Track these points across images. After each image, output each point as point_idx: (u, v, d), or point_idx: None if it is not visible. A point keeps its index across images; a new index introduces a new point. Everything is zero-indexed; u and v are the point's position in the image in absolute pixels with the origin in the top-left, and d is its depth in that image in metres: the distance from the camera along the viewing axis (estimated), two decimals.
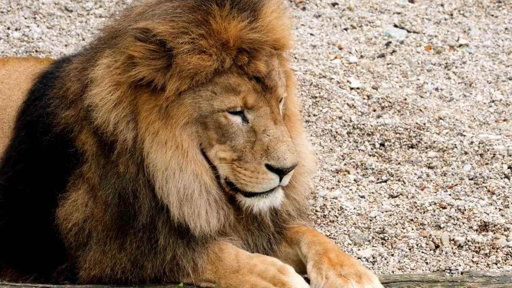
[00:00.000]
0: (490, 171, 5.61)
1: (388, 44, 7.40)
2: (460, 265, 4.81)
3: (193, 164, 4.05)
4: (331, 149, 5.99)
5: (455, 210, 5.21)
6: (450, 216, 5.16)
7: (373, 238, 5.07)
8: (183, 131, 4.02)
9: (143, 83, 4.02)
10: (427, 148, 5.96)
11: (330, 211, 5.27)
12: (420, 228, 5.13)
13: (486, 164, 5.74)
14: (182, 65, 3.94)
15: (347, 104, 6.40)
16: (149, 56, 3.96)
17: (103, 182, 4.17)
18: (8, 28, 7.38)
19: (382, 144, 6.01)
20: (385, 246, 5.02)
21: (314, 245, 4.28)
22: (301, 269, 4.26)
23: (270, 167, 4.00)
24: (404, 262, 4.87)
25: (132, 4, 4.33)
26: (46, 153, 4.34)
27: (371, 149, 5.98)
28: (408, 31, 7.63)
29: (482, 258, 4.88)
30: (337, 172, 5.74)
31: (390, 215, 5.23)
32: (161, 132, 4.01)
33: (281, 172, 4.02)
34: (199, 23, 3.95)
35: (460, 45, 7.43)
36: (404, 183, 5.59)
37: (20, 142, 4.51)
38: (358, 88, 6.68)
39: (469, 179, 5.57)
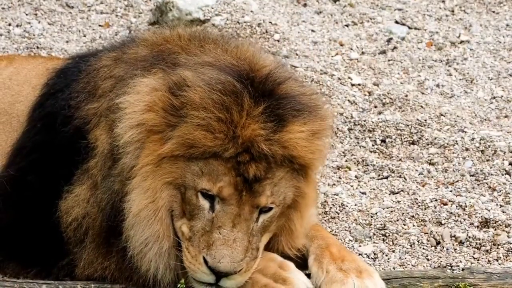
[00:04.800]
0: (491, 168, 5.62)
1: (389, 40, 7.40)
2: (461, 262, 4.81)
3: (158, 225, 4.02)
4: (332, 146, 5.99)
5: (456, 206, 5.21)
6: (451, 213, 5.17)
7: (374, 234, 5.08)
8: (165, 188, 4.01)
9: (154, 129, 4.02)
10: (428, 144, 5.96)
11: (331, 207, 5.27)
12: (421, 225, 5.13)
13: (487, 160, 5.74)
14: (183, 133, 3.93)
15: (348, 100, 6.40)
16: (169, 110, 3.97)
17: (104, 183, 4.18)
18: (9, 24, 7.38)
19: (383, 141, 6.01)
20: (386, 242, 5.02)
21: (316, 239, 4.29)
22: (303, 264, 4.26)
23: (206, 262, 3.94)
24: (405, 258, 4.87)
25: (209, 36, 4.39)
26: (62, 145, 4.35)
27: (372, 145, 5.98)
28: (409, 28, 7.63)
29: (483, 255, 4.89)
30: (338, 169, 5.74)
31: (391, 211, 5.24)
32: (148, 178, 4.01)
33: (215, 272, 3.93)
34: (224, 108, 3.91)
35: (461, 42, 7.42)
36: (405, 179, 5.59)
37: (36, 133, 4.52)
38: (359, 85, 6.68)
39: (470, 176, 5.57)
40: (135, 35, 4.77)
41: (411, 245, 4.97)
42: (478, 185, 5.48)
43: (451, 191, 5.43)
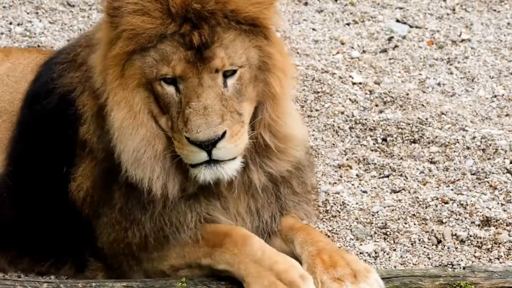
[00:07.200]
0: (492, 166, 5.61)
1: (390, 39, 7.40)
2: (462, 260, 4.81)
3: (144, 129, 4.08)
4: (333, 144, 5.99)
5: (457, 205, 5.21)
6: (452, 211, 5.17)
7: (375, 233, 5.08)
8: (136, 94, 4.07)
9: (112, 42, 4.07)
10: (429, 143, 5.96)
11: (332, 206, 5.27)
12: (422, 223, 5.13)
13: (488, 159, 5.74)
14: (124, 25, 3.99)
15: (349, 99, 6.40)
16: (111, 13, 4.02)
17: (99, 141, 4.25)
18: (11, 23, 7.39)
19: (384, 139, 6.01)
20: (387, 241, 5.02)
21: (307, 246, 4.26)
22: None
23: (189, 139, 3.99)
24: (406, 257, 4.87)
25: None
26: (48, 117, 4.41)
27: (373, 144, 5.98)
28: (411, 26, 7.63)
29: (484, 253, 4.89)
30: (339, 167, 5.74)
31: (392, 210, 5.24)
32: (119, 91, 4.08)
33: (200, 146, 3.98)
34: None
35: (463, 40, 7.42)
36: (406, 178, 5.59)
37: (22, 116, 4.57)
38: (360, 83, 6.68)
39: (471, 174, 5.57)
40: None
41: (412, 244, 4.97)
42: (479, 183, 5.48)
43: (452, 189, 5.43)
